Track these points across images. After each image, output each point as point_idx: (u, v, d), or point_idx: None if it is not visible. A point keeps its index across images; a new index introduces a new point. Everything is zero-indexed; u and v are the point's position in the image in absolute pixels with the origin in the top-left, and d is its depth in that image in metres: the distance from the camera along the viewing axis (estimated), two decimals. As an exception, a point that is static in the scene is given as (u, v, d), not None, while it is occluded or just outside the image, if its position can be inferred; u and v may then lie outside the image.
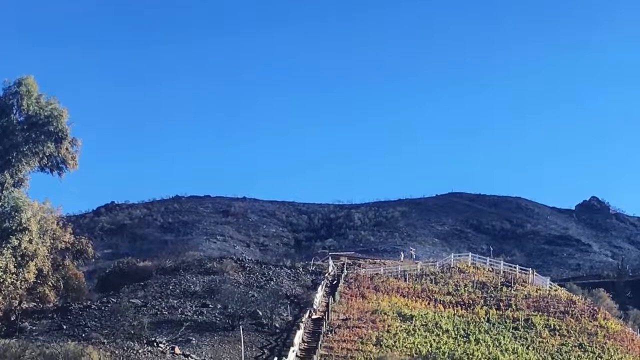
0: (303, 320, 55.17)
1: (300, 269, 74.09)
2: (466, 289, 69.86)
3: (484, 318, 61.48)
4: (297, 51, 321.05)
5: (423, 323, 57.98)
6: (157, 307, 57.07)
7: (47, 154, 58.54)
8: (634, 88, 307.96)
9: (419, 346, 52.34)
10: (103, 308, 55.67)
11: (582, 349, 56.08)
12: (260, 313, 55.83)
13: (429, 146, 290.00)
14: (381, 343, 52.42)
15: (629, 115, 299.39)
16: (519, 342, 56.44)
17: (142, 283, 64.57)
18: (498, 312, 63.35)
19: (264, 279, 68.17)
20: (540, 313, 63.49)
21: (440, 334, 56.18)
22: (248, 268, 71.28)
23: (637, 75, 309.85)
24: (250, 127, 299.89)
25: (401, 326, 56.64)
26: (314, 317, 57.48)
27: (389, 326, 56.25)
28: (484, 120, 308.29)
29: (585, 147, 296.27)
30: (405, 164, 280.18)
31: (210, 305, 57.70)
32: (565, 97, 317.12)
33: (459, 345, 53.99)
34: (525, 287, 71.92)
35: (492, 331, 58.24)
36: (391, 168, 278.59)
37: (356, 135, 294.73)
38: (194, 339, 49.60)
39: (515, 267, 78.67)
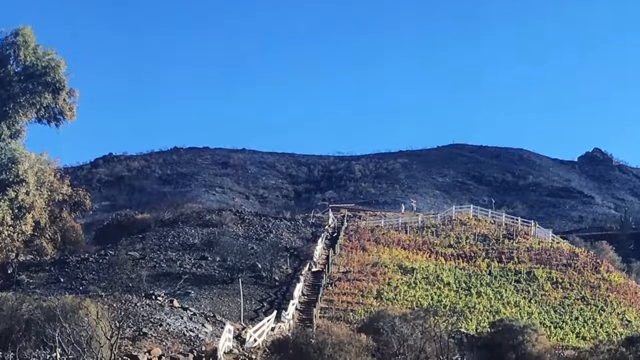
0: (303, 273, 54.74)
1: (300, 221, 73.48)
2: (468, 241, 69.29)
3: (485, 271, 61.04)
4: (296, 1, 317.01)
5: (424, 276, 57.55)
6: (155, 259, 56.61)
7: (45, 105, 58.22)
8: (638, 38, 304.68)
9: (419, 299, 51.97)
10: (101, 261, 55.24)
11: (585, 302, 55.69)
12: (260, 266, 55.40)
13: (430, 97, 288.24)
14: (382, 296, 52.06)
15: (633, 66, 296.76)
16: (520, 295, 56.05)
17: (140, 235, 64.04)
18: (500, 264, 62.88)
19: (264, 231, 67.60)
20: (542, 266, 63.01)
21: (442, 286, 55.79)
22: (247, 220, 70.68)
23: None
24: (249, 78, 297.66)
25: (402, 279, 56.24)
26: (313, 269, 57.05)
27: (389, 279, 55.85)
28: (486, 71, 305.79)
29: (588, 98, 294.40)
30: (406, 115, 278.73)
31: (209, 258, 57.20)
32: (569, 47, 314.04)
33: (460, 298, 53.63)
34: (528, 239, 71.36)
35: (493, 284, 57.84)
36: (392, 119, 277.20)
37: (357, 85, 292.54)
38: (192, 292, 49.17)
39: (517, 220, 78.03)
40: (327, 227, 71.87)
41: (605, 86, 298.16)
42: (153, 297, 41.08)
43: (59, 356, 23.85)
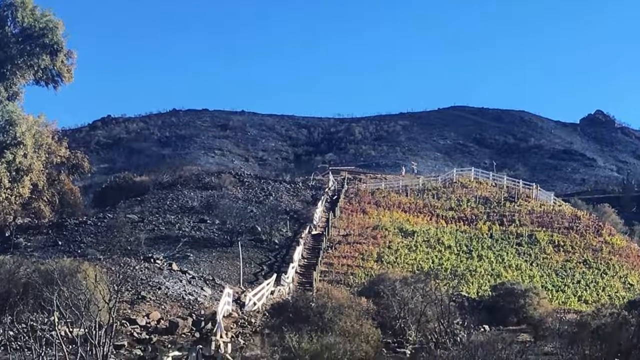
0: (303, 236, 54.45)
1: (300, 184, 73.02)
2: (469, 204, 68.87)
3: (486, 234, 60.70)
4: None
5: (425, 239, 57.24)
6: (154, 222, 56.28)
7: (42, 67, 57.91)
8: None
9: (420, 262, 51.71)
10: (99, 224, 54.92)
11: (587, 265, 55.41)
12: (259, 229, 55.08)
13: (430, 58, 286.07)
14: (382, 259, 51.79)
15: (636, 28, 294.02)
16: (522, 258, 55.77)
17: (139, 198, 63.67)
18: (501, 227, 62.52)
19: (263, 194, 67.17)
20: (544, 229, 62.65)
21: (443, 250, 55.51)
22: (247, 183, 70.23)
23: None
24: (249, 40, 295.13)
25: (402, 242, 55.95)
26: (313, 232, 56.74)
27: (390, 242, 55.55)
28: (488, 31, 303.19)
29: (590, 59, 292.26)
30: (407, 77, 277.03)
31: (208, 221, 56.85)
32: (571, 8, 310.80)
33: (461, 261, 53.37)
34: (529, 202, 70.93)
35: (495, 247, 57.53)
36: (393, 81, 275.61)
37: (357, 47, 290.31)
38: (191, 255, 48.84)
39: (518, 182, 77.57)
40: (327, 189, 71.44)
41: (607, 48, 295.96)
42: (152, 260, 40.83)
43: (56, 320, 23.52)
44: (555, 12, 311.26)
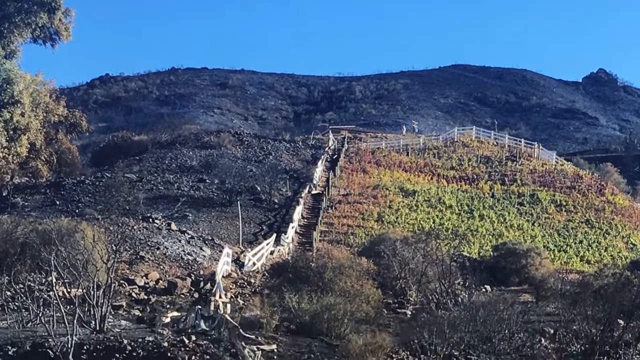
0: (302, 195, 54.11)
1: (300, 143, 72.53)
2: (470, 163, 68.44)
3: (488, 193, 60.37)
4: None
5: (426, 198, 56.93)
6: (152, 182, 55.92)
7: (40, 25, 57.17)
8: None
9: (421, 222, 51.46)
10: (97, 183, 54.56)
11: (589, 225, 55.15)
12: (259, 188, 54.74)
13: (432, 16, 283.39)
14: (383, 219, 51.52)
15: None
16: (524, 218, 55.51)
17: (138, 157, 63.22)
18: (503, 187, 62.18)
19: (263, 153, 66.71)
20: (546, 188, 62.31)
21: (444, 209, 55.23)
22: (246, 142, 69.72)
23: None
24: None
25: (403, 202, 55.65)
26: (313, 192, 56.40)
27: (390, 202, 55.25)
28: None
29: (592, 17, 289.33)
30: (408, 35, 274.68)
31: (207, 180, 56.48)
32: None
33: (462, 221, 53.12)
34: (531, 161, 70.49)
35: (496, 207, 57.23)
36: (393, 39, 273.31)
37: (358, 4, 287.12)
38: (190, 214, 48.50)
39: (520, 141, 77.08)
40: (327, 149, 71.00)
41: (610, 6, 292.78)
42: (150, 220, 40.51)
43: (54, 280, 23.30)
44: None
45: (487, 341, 23.51)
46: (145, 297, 29.71)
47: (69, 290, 24.32)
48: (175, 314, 25.61)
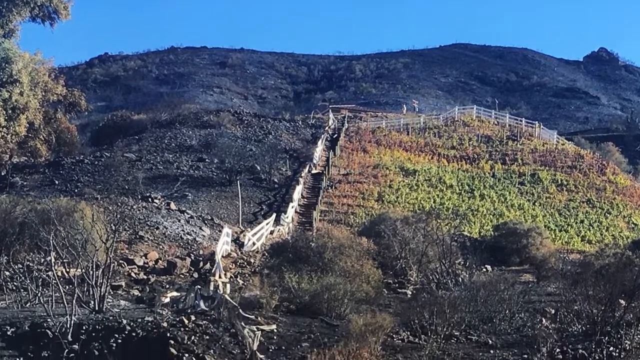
0: (302, 175, 53.95)
1: (300, 123, 72.23)
2: (471, 143, 68.20)
3: (489, 173, 60.22)
4: None
5: (426, 178, 56.78)
6: (152, 161, 55.74)
7: (39, 4, 56.90)
8: None
9: (422, 202, 51.33)
10: (96, 163, 54.40)
11: (590, 205, 55.03)
12: (259, 168, 54.56)
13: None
14: (383, 199, 51.40)
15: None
16: (525, 197, 55.39)
17: (137, 137, 62.99)
18: (503, 166, 62.02)
19: (262, 132, 66.43)
20: (547, 168, 62.15)
21: (444, 189, 55.08)
22: (246, 121, 69.41)
23: None
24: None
25: (404, 181, 55.51)
26: (313, 172, 56.24)
27: (391, 181, 55.11)
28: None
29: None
30: (409, 14, 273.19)
31: (206, 160, 56.28)
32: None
33: (463, 201, 53.01)
34: (532, 141, 70.27)
35: (497, 186, 57.11)
36: (393, 18, 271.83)
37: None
38: (190, 194, 48.38)
39: (521, 121, 76.80)
40: (327, 128, 70.71)
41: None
42: (149, 199, 40.39)
43: (53, 260, 23.17)
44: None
45: (488, 321, 23.45)
46: (145, 277, 29.64)
47: (67, 270, 24.22)
48: (175, 294, 25.53)
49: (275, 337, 21.49)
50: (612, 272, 24.77)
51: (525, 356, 20.62)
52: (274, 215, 43.16)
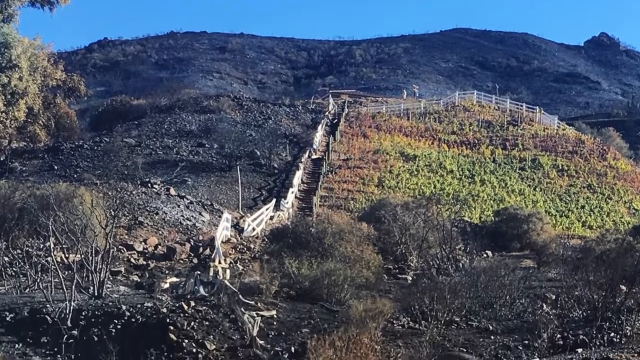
0: (302, 160, 53.80)
1: (300, 108, 72.01)
2: (471, 128, 68.00)
3: (489, 158, 60.08)
4: None
5: (426, 163, 56.65)
6: (151, 147, 55.59)
7: (38, -12, 56.23)
8: None
9: (422, 187, 51.23)
10: (95, 148, 54.23)
11: (591, 190, 54.93)
12: (258, 153, 54.40)
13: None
14: (383, 184, 51.29)
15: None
16: (525, 183, 55.27)
17: (136, 122, 62.82)
18: (504, 152, 61.87)
19: (262, 117, 66.23)
20: (547, 153, 61.99)
21: (444, 174, 54.96)
22: (245, 106, 69.19)
23: None
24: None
25: (404, 166, 55.38)
26: (313, 157, 56.09)
27: (391, 166, 54.98)
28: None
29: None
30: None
31: (206, 145, 56.12)
32: None
33: (463, 186, 52.91)
34: (532, 126, 70.06)
35: (498, 172, 56.98)
36: (394, 2, 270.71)
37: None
38: (189, 179, 48.25)
39: (521, 106, 76.54)
40: (327, 113, 70.49)
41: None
42: (149, 185, 40.29)
43: (52, 245, 23.09)
44: None
45: (489, 307, 23.37)
46: (144, 262, 29.58)
47: (67, 255, 24.15)
48: (174, 279, 25.49)
49: (275, 323, 21.44)
50: (613, 258, 24.71)
51: (526, 342, 20.55)
52: (274, 200, 43.05)
